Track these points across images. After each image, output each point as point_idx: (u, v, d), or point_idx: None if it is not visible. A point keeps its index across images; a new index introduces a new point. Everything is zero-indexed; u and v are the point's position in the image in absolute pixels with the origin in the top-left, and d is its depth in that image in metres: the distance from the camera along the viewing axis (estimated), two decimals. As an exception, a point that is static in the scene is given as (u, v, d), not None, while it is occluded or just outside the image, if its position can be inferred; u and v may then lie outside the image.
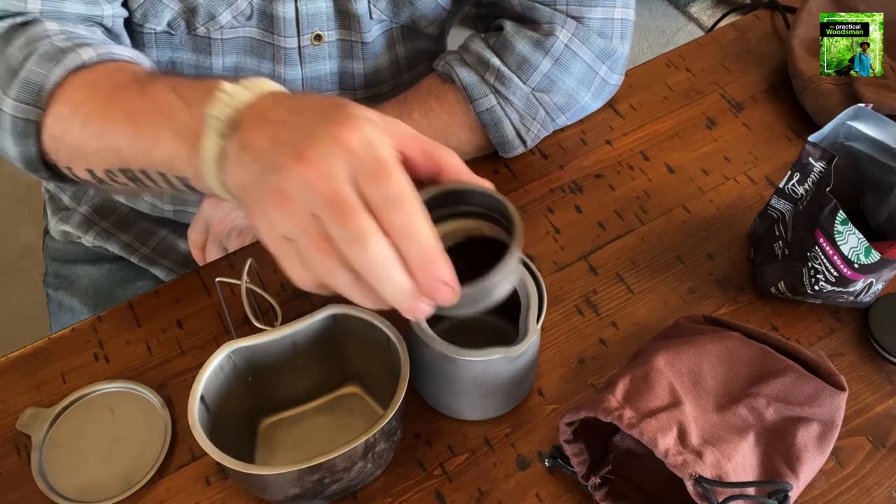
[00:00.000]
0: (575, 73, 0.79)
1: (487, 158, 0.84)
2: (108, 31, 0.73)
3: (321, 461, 0.56)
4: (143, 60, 0.68)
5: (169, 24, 0.77)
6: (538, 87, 0.78)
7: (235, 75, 0.53)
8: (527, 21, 0.79)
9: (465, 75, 0.78)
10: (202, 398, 0.59)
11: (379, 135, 0.45)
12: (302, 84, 0.85)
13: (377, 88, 0.88)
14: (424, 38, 0.89)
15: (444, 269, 0.44)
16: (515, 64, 0.78)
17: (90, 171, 0.61)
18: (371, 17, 0.80)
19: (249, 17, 0.78)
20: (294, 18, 0.78)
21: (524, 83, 0.78)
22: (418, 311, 0.45)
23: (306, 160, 0.43)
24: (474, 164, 0.84)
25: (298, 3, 0.77)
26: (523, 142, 0.81)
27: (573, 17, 0.78)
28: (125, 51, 0.67)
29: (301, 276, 0.46)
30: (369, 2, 0.79)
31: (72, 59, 0.62)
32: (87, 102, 0.60)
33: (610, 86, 0.83)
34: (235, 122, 0.48)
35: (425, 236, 0.43)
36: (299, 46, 0.81)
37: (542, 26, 0.78)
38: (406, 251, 0.43)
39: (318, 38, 0.81)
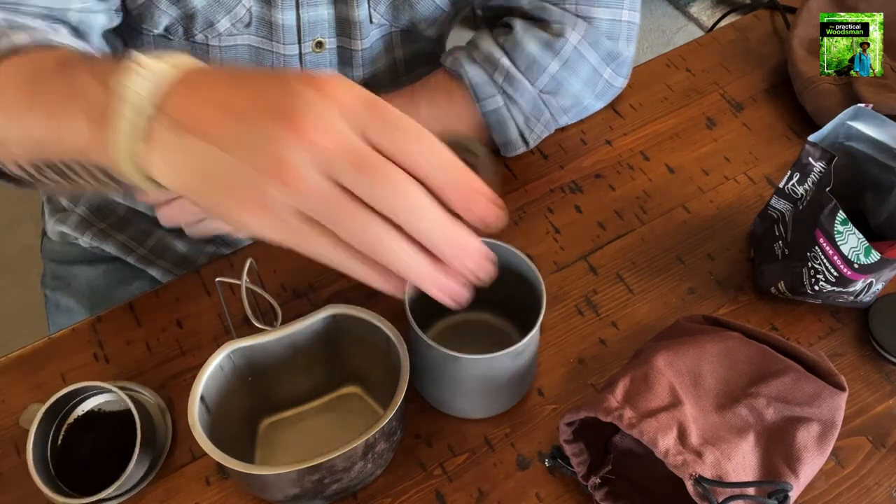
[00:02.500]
0: (582, 75, 0.79)
1: (487, 158, 0.84)
2: (76, 31, 0.69)
3: (321, 461, 0.56)
4: (85, 49, 0.62)
5: (166, 29, 0.77)
6: (545, 89, 0.78)
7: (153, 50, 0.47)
8: (536, 20, 0.79)
9: (474, 73, 0.78)
10: (202, 398, 0.59)
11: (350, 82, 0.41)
12: None
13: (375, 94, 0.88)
14: (423, 40, 0.88)
15: (480, 184, 0.40)
16: (525, 65, 0.77)
17: (19, 166, 0.54)
18: (371, 22, 0.80)
19: (248, 25, 0.77)
20: (294, 25, 0.78)
21: (532, 84, 0.77)
22: (465, 251, 0.40)
23: (301, 121, 0.37)
24: (474, 164, 0.84)
25: (300, 10, 0.77)
26: (526, 143, 0.81)
27: (582, 18, 0.77)
28: (69, 40, 0.61)
29: (336, 255, 0.40)
30: (369, 7, 0.79)
31: (2, 43, 0.56)
32: (9, 89, 0.54)
33: (614, 88, 0.83)
34: (159, 99, 0.41)
35: (450, 159, 0.40)
36: (300, 53, 0.80)
37: (551, 26, 0.78)
38: (438, 179, 0.39)
39: (320, 45, 0.80)
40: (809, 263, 0.69)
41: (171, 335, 0.74)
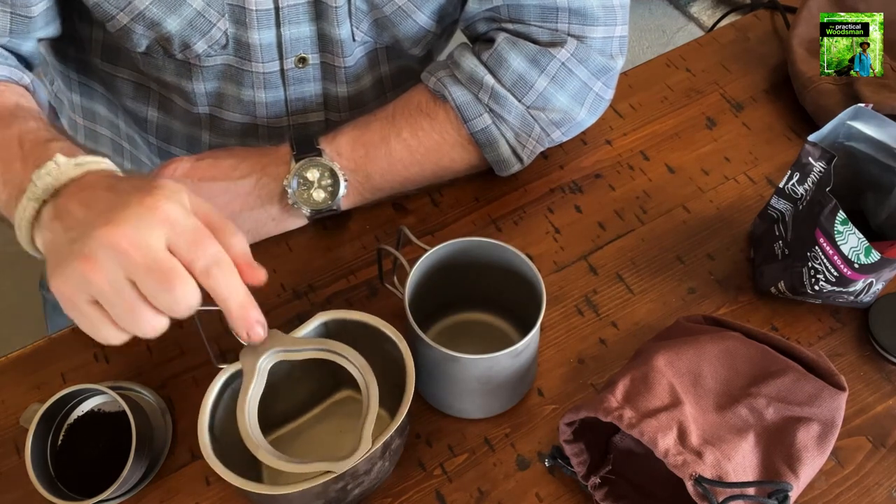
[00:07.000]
0: (570, 90, 0.77)
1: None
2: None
3: (345, 468, 0.56)
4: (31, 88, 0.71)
5: (148, 48, 0.78)
6: (534, 105, 0.77)
7: (75, 151, 0.58)
8: (525, 38, 0.77)
9: (459, 94, 0.76)
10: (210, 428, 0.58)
11: (186, 204, 0.51)
12: (286, 106, 0.84)
13: (361, 110, 0.86)
14: (409, 56, 0.88)
15: (255, 312, 0.53)
16: (510, 82, 0.76)
17: None
18: (354, 40, 0.80)
19: (225, 46, 0.77)
20: (273, 44, 0.77)
21: (519, 101, 0.76)
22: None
23: (119, 231, 0.48)
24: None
25: (281, 28, 0.76)
26: (519, 159, 0.80)
27: (574, 37, 0.76)
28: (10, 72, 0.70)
29: (109, 335, 0.51)
30: (352, 24, 0.78)
31: None
32: None
33: (604, 101, 0.81)
34: (55, 192, 0.54)
35: (237, 287, 0.52)
36: (282, 70, 0.80)
37: (541, 43, 0.77)
38: (223, 301, 0.51)
39: (303, 60, 0.80)
40: (809, 263, 0.69)
41: (170, 335, 0.72)
